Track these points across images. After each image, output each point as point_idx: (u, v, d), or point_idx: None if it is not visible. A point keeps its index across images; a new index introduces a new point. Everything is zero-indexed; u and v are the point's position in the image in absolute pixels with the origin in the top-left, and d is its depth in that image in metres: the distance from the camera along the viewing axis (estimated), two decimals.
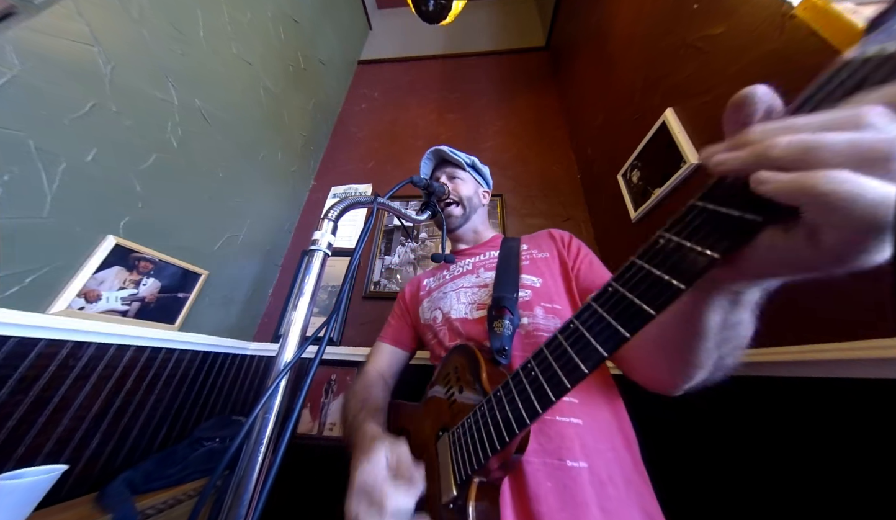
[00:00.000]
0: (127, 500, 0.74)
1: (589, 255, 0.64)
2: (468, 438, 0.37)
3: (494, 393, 0.35)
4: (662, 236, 0.22)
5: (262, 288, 1.54)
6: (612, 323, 0.24)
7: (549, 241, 0.68)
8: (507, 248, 0.67)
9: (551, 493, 0.38)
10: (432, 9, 1.78)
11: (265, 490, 0.25)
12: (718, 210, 0.19)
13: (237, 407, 1.31)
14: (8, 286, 0.68)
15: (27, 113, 0.71)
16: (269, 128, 1.56)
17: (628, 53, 1.32)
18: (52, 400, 0.73)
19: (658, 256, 0.22)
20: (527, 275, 0.60)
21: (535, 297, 0.56)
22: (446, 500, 0.36)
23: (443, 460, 0.40)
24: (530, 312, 0.54)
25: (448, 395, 0.48)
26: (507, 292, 0.55)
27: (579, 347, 0.26)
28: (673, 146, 0.93)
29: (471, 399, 0.43)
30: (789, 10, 0.64)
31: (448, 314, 0.63)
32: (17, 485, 0.56)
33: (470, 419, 0.38)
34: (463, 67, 2.50)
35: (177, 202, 1.07)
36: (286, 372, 0.30)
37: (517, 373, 0.32)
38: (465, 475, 0.36)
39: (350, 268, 0.38)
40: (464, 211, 0.78)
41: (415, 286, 0.81)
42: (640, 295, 0.22)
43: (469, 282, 0.67)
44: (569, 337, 0.27)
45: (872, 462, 0.46)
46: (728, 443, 0.70)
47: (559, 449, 0.41)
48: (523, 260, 0.64)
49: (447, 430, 0.43)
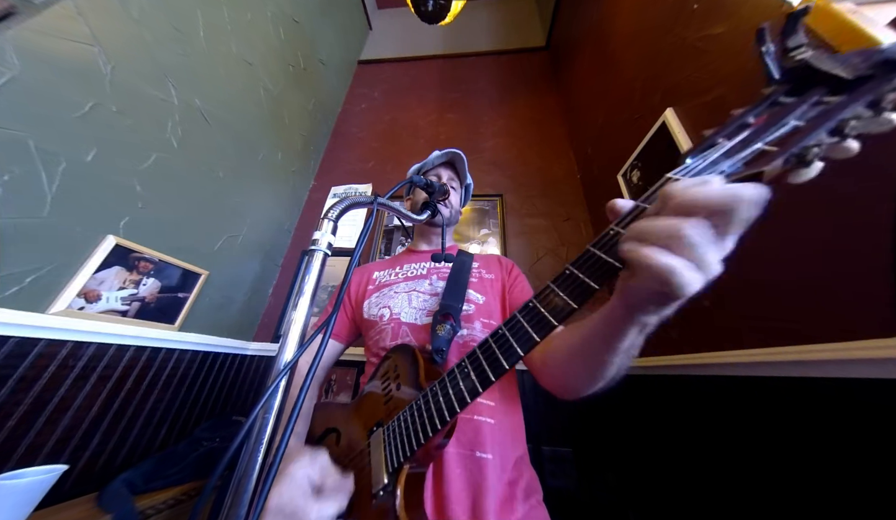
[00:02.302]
0: (127, 500, 0.74)
1: (523, 282, 0.73)
2: (402, 429, 0.41)
3: (430, 388, 0.40)
4: (568, 268, 0.30)
5: (262, 288, 1.54)
6: (529, 330, 0.31)
7: (497, 266, 0.75)
8: (460, 261, 0.71)
9: (459, 478, 0.47)
10: (432, 9, 1.78)
11: (265, 490, 0.25)
12: (601, 256, 0.27)
13: (237, 407, 1.31)
14: (8, 286, 0.68)
15: (27, 113, 0.71)
16: (269, 128, 1.57)
17: (628, 53, 1.32)
18: (52, 400, 0.74)
19: (564, 283, 0.30)
20: (473, 291, 0.66)
21: (477, 312, 0.63)
22: (377, 488, 0.40)
23: (375, 454, 0.44)
24: (470, 325, 0.61)
25: (385, 391, 0.51)
26: (453, 302, 0.61)
27: (505, 349, 0.33)
28: (673, 146, 0.93)
29: (408, 394, 0.46)
30: (789, 10, 0.64)
31: (397, 316, 0.64)
32: (17, 485, 0.56)
33: (405, 412, 0.42)
34: (463, 67, 2.50)
35: (177, 202, 1.07)
36: (286, 372, 0.30)
37: (452, 370, 0.38)
38: (396, 463, 0.40)
39: (350, 268, 0.38)
40: (450, 215, 0.79)
41: (363, 277, 0.78)
42: (549, 311, 0.30)
43: (422, 287, 0.69)
44: (497, 340, 0.34)
45: (871, 462, 0.46)
46: (727, 444, 0.70)
47: (472, 442, 0.50)
48: (472, 277, 0.69)
49: (381, 425, 0.46)
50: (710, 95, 0.84)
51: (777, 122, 0.23)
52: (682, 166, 0.27)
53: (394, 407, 0.46)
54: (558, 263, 1.49)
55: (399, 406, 0.45)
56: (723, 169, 0.24)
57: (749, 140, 0.24)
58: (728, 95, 0.77)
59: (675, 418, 0.86)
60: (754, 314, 0.68)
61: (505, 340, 0.33)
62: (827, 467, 0.52)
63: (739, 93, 0.74)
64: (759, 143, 0.23)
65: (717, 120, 0.27)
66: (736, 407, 0.69)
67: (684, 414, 0.83)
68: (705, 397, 0.77)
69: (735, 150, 0.24)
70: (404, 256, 0.83)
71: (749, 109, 0.27)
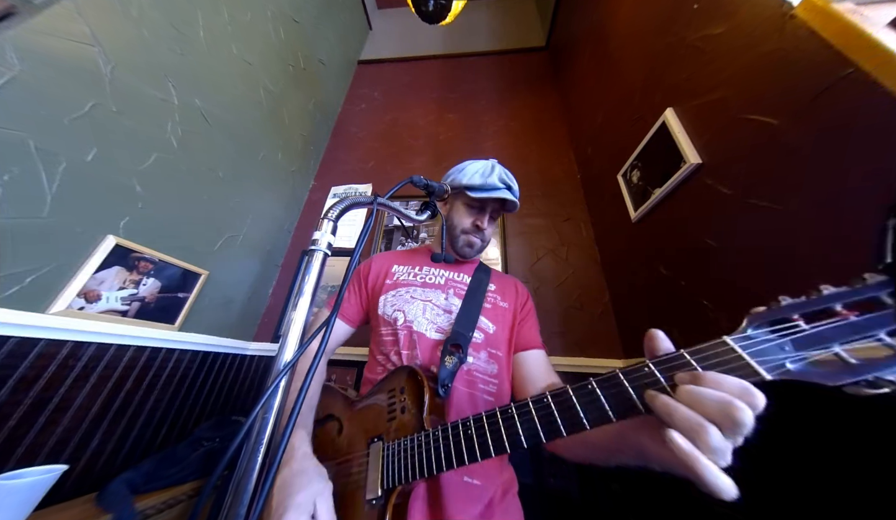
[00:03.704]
0: (127, 500, 0.74)
1: (533, 318, 0.74)
2: (401, 457, 0.45)
3: (433, 431, 0.43)
4: (591, 383, 0.29)
5: (262, 288, 1.54)
6: (537, 426, 0.32)
7: (513, 294, 0.75)
8: (477, 280, 0.73)
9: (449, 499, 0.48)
10: (432, 9, 1.78)
11: (265, 490, 0.25)
12: (630, 393, 0.27)
13: (237, 407, 1.31)
14: (8, 286, 0.68)
15: (27, 113, 0.71)
16: (269, 128, 1.56)
17: (628, 53, 1.32)
18: (52, 400, 0.73)
19: (584, 398, 0.30)
20: (485, 318, 0.67)
21: (486, 342, 0.64)
22: (370, 497, 0.44)
23: (373, 462, 0.47)
24: (476, 354, 0.62)
25: (389, 408, 0.53)
26: (464, 330, 0.62)
27: (511, 431, 0.34)
28: (673, 146, 0.93)
29: (411, 423, 0.49)
30: (789, 10, 0.64)
31: (410, 323, 0.65)
32: (17, 485, 0.56)
33: (406, 442, 0.45)
34: (463, 67, 2.50)
35: (177, 202, 1.07)
36: (286, 372, 0.30)
37: (456, 424, 0.40)
38: (391, 484, 0.43)
39: (350, 268, 0.38)
40: (481, 246, 0.79)
41: (382, 267, 0.77)
42: (562, 417, 0.30)
43: (438, 299, 0.69)
44: (506, 419, 0.35)
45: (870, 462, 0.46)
46: None
47: (464, 470, 0.51)
48: (487, 302, 0.70)
49: (381, 439, 0.50)
50: (710, 95, 0.84)
51: (867, 330, 0.19)
52: (742, 333, 0.24)
53: (396, 428, 0.50)
54: (558, 263, 1.49)
55: (400, 431, 0.49)
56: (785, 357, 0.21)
57: (827, 337, 0.20)
58: (728, 95, 0.77)
59: None
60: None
61: (512, 423, 0.34)
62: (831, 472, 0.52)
63: (739, 93, 0.74)
64: (837, 345, 0.20)
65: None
66: None
67: None
68: None
69: (808, 342, 0.21)
70: (423, 256, 0.81)
71: (842, 293, 0.22)
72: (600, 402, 0.28)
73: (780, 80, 0.65)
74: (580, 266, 1.47)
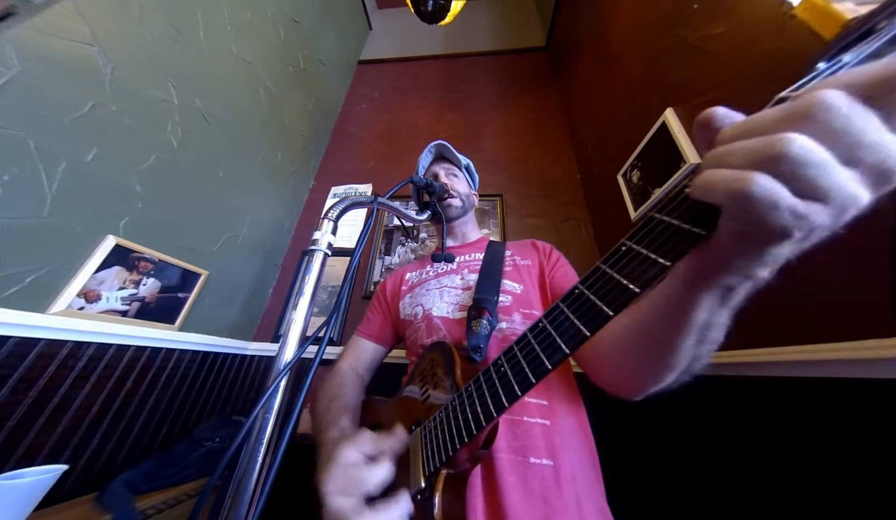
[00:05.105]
0: (127, 500, 0.74)
1: (565, 264, 0.67)
2: (438, 431, 0.38)
3: (466, 388, 0.37)
4: (625, 244, 0.24)
5: (262, 288, 1.54)
6: (576, 322, 0.26)
7: (532, 250, 0.71)
8: (491, 252, 0.68)
9: (514, 487, 0.41)
10: (431, 9, 1.78)
11: (265, 490, 0.25)
12: (672, 222, 0.21)
13: (237, 407, 1.31)
14: (8, 286, 0.68)
15: (27, 113, 0.71)
16: (269, 128, 1.56)
17: (628, 53, 1.32)
18: (52, 400, 0.73)
19: (620, 262, 0.24)
20: (508, 281, 0.62)
21: (515, 303, 0.59)
22: (414, 491, 0.37)
23: (413, 454, 0.41)
24: (509, 317, 0.56)
25: (423, 391, 0.49)
26: (487, 295, 0.57)
27: (546, 345, 0.28)
28: (673, 146, 0.93)
29: (444, 394, 0.44)
30: (789, 10, 0.64)
31: (429, 312, 0.63)
32: (17, 485, 0.56)
33: (441, 414, 0.39)
34: (462, 67, 2.50)
35: (176, 202, 1.07)
36: (286, 372, 0.30)
37: (488, 369, 0.34)
38: (433, 467, 0.37)
39: (350, 268, 0.38)
40: (462, 204, 0.80)
41: (396, 280, 0.79)
42: (602, 297, 0.24)
43: (454, 282, 0.67)
44: (537, 335, 0.29)
45: (870, 462, 0.46)
46: (726, 444, 0.70)
47: (524, 447, 0.44)
48: (506, 266, 0.65)
49: (420, 424, 0.43)
50: (710, 95, 0.84)
51: None
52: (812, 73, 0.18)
53: (431, 406, 0.44)
54: None
55: (436, 405, 0.43)
56: None
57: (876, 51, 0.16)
58: (728, 95, 0.77)
59: (680, 421, 0.86)
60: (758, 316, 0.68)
61: (547, 335, 0.28)
62: (832, 470, 0.52)
63: (739, 93, 0.74)
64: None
65: None
66: (733, 408, 0.69)
67: (690, 417, 0.83)
68: (703, 398, 0.77)
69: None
70: (429, 260, 0.82)
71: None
72: (643, 254, 0.22)
73: (781, 80, 0.65)
74: (580, 266, 1.46)
